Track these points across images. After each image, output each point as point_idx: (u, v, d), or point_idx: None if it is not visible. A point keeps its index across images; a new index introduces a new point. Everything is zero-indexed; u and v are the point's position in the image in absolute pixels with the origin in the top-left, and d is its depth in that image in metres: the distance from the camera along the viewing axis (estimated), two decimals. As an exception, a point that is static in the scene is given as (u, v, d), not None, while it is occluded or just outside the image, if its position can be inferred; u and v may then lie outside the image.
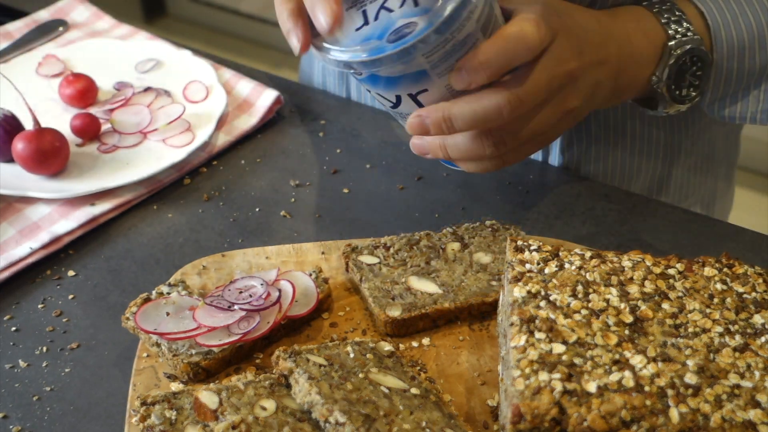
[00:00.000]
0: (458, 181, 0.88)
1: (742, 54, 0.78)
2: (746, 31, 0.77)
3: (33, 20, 1.12)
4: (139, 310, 0.67)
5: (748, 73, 0.79)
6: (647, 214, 0.84)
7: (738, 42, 0.77)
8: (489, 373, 0.66)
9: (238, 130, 0.94)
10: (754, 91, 0.81)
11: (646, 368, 0.55)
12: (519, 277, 0.61)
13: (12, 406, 0.65)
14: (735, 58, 0.77)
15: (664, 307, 0.60)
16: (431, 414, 0.59)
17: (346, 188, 0.88)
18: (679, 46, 0.75)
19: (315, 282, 0.70)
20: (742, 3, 0.77)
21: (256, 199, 0.86)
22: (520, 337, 0.57)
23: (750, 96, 0.82)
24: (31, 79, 1.00)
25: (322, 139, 0.95)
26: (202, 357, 0.64)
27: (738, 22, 0.77)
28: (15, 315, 0.73)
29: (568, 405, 0.53)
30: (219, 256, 0.76)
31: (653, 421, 0.53)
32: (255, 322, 0.66)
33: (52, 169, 0.85)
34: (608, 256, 0.64)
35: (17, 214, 0.82)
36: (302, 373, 0.60)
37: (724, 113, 0.82)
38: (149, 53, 1.04)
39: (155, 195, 0.86)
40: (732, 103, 0.82)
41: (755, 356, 0.57)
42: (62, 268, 0.78)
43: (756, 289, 0.62)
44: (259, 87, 0.98)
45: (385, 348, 0.65)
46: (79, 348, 0.70)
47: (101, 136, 0.92)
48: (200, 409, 0.59)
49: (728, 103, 0.82)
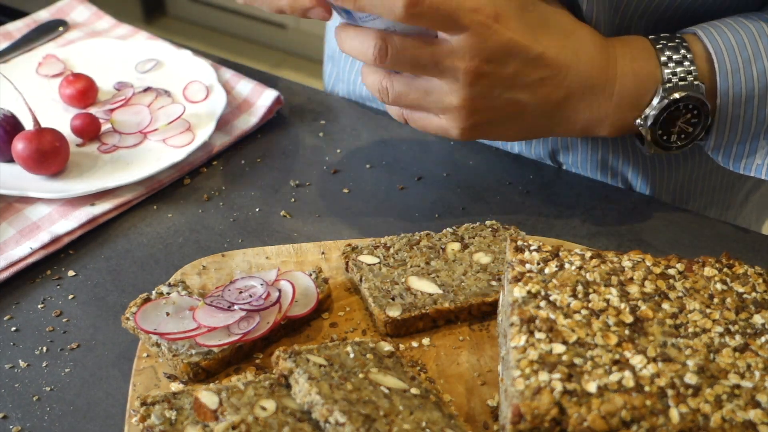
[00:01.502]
0: (458, 181, 0.88)
1: (751, 103, 0.72)
2: (757, 79, 0.72)
3: (33, 20, 1.12)
4: (139, 310, 0.67)
5: (757, 122, 0.74)
6: (647, 214, 0.84)
7: (747, 90, 0.72)
8: (489, 373, 0.66)
9: (238, 130, 0.94)
10: (763, 142, 0.75)
11: (646, 368, 0.55)
12: (519, 277, 0.61)
13: (12, 406, 0.65)
14: (742, 106, 0.73)
15: (664, 307, 0.60)
16: (431, 414, 0.59)
17: (346, 188, 0.88)
18: (674, 90, 0.72)
19: (315, 282, 0.70)
20: (758, 46, 0.72)
21: (256, 199, 0.86)
22: (520, 337, 0.57)
23: (758, 148, 0.76)
24: (31, 79, 1.00)
25: (322, 139, 0.95)
26: (202, 357, 0.64)
27: (750, 68, 0.71)
28: (15, 315, 0.73)
29: (568, 405, 0.53)
30: (219, 256, 0.76)
31: (653, 421, 0.53)
32: (255, 322, 0.66)
33: (52, 169, 0.85)
34: (608, 256, 0.64)
35: (17, 214, 0.82)
36: (302, 373, 0.60)
37: (729, 162, 0.78)
38: (149, 53, 1.04)
39: (155, 195, 0.86)
40: (738, 153, 0.77)
41: (755, 356, 0.57)
42: (62, 268, 0.78)
43: (756, 289, 0.62)
44: (259, 87, 0.98)
45: (385, 348, 0.65)
46: (79, 348, 0.70)
47: (101, 136, 0.92)
48: (200, 409, 0.59)
49: (734, 153, 0.77)
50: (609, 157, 0.91)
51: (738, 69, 0.71)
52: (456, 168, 0.90)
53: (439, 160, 0.91)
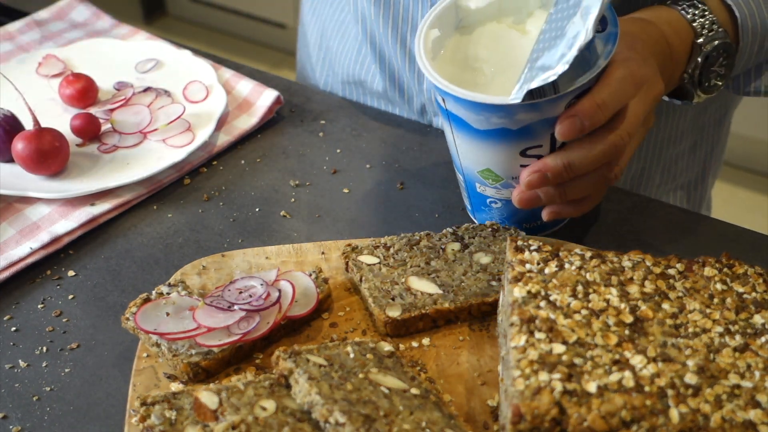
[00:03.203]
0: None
1: (764, 38, 0.81)
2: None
3: (33, 20, 1.12)
4: (139, 311, 0.67)
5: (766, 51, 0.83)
6: (647, 214, 0.84)
7: (762, 29, 0.80)
8: (489, 373, 0.66)
9: (238, 130, 0.94)
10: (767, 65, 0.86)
11: (646, 368, 0.55)
12: (519, 277, 0.61)
13: (12, 406, 0.65)
14: (757, 43, 0.81)
15: (664, 307, 0.60)
16: (431, 414, 0.59)
17: (346, 188, 0.88)
18: (707, 42, 0.77)
19: (315, 282, 0.70)
20: None
21: (256, 199, 0.86)
22: (520, 337, 0.57)
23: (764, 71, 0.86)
24: (31, 79, 1.00)
25: (322, 139, 0.95)
26: (202, 357, 0.64)
27: (762, 10, 0.80)
28: (15, 315, 0.73)
29: (568, 405, 0.53)
30: (219, 256, 0.76)
31: (653, 421, 0.53)
32: (255, 322, 0.66)
33: (52, 169, 0.85)
34: (608, 256, 0.64)
35: (17, 214, 0.82)
36: (302, 373, 0.60)
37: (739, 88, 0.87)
38: (149, 53, 1.04)
39: (155, 195, 0.86)
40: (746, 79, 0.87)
41: (755, 356, 0.57)
42: (62, 268, 0.78)
43: (756, 289, 0.62)
44: (259, 87, 0.98)
45: (385, 348, 0.65)
46: (79, 348, 0.70)
47: (101, 136, 0.92)
48: (200, 409, 0.59)
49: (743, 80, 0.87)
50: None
51: (753, 13, 0.80)
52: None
53: (439, 160, 0.91)
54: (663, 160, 1.01)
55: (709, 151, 1.07)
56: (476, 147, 0.70)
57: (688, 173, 1.06)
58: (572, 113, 0.65)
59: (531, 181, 0.68)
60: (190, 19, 3.10)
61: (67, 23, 1.13)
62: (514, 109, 0.65)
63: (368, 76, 1.01)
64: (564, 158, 0.67)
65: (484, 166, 0.72)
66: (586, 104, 0.65)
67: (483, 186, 0.74)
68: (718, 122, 1.06)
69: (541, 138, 0.68)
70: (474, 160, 0.72)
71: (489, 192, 0.75)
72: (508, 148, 0.69)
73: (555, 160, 0.67)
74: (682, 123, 1.00)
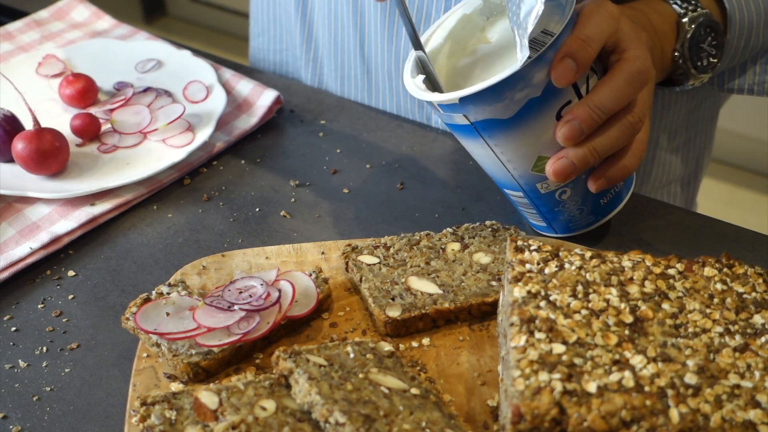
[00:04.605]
0: (458, 181, 0.88)
1: (750, 32, 0.84)
2: (755, 13, 0.84)
3: (33, 20, 1.12)
4: (139, 311, 0.67)
5: (751, 48, 0.86)
6: (647, 214, 0.84)
7: (748, 22, 0.83)
8: (489, 373, 0.66)
9: (238, 130, 0.94)
10: (751, 65, 0.90)
11: (646, 368, 0.55)
12: (519, 277, 0.61)
13: (12, 406, 0.65)
14: (744, 37, 0.84)
15: (664, 307, 0.60)
16: (431, 414, 0.59)
17: (346, 188, 0.88)
18: (692, 20, 0.81)
19: (315, 282, 0.70)
20: None
21: (256, 199, 0.86)
22: (520, 337, 0.57)
23: (747, 70, 0.90)
24: (31, 79, 1.00)
25: (322, 139, 0.95)
26: (202, 357, 0.64)
27: (749, 4, 0.83)
28: (15, 315, 0.73)
29: (568, 405, 0.53)
30: (219, 256, 0.76)
31: (653, 422, 0.53)
32: (255, 322, 0.66)
33: (52, 169, 0.85)
34: (608, 256, 0.64)
35: (17, 214, 0.83)
36: (302, 373, 0.60)
37: (724, 85, 0.90)
38: (149, 53, 1.04)
39: (155, 195, 0.86)
40: (731, 75, 0.90)
41: (755, 356, 0.57)
42: (62, 268, 0.78)
43: (756, 289, 0.62)
44: (259, 87, 0.98)
45: (385, 348, 0.65)
46: (79, 348, 0.70)
47: (101, 136, 0.92)
48: (200, 409, 0.59)
49: (727, 77, 0.90)
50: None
51: (742, 6, 0.83)
52: (456, 168, 0.90)
53: (439, 160, 0.91)
54: (659, 156, 1.02)
55: (702, 147, 1.08)
56: (517, 139, 0.69)
57: (682, 169, 1.07)
58: (561, 55, 0.65)
59: (565, 134, 0.67)
60: (190, 19, 3.11)
61: (67, 23, 1.13)
62: (530, 72, 0.65)
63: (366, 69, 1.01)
64: (587, 101, 0.68)
65: (534, 157, 0.70)
66: (571, 43, 0.65)
67: (544, 183, 0.72)
68: (711, 119, 1.08)
69: (566, 92, 0.68)
70: (523, 156, 0.70)
71: (553, 185, 0.73)
72: (544, 119, 0.68)
73: (580, 106, 0.68)
74: (677, 119, 1.01)
